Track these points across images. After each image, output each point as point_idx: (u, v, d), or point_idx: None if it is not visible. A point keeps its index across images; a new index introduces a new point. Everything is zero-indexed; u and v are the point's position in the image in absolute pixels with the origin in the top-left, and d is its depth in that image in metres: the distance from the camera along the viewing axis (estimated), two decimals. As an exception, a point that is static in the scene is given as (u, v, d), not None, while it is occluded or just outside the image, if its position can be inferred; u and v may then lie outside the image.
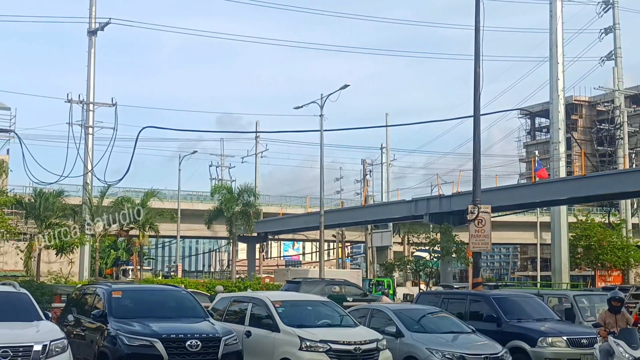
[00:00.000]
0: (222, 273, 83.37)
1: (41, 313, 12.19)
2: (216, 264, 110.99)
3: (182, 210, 59.54)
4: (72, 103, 41.71)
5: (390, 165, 73.37)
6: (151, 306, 13.58)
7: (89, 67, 43.47)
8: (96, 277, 42.38)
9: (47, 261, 42.02)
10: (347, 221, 55.06)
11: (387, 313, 14.87)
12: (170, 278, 49.19)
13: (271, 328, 13.27)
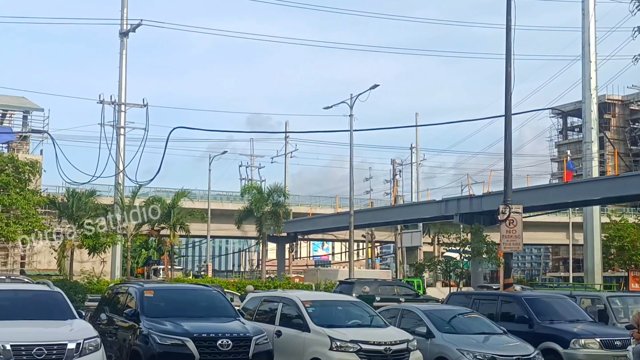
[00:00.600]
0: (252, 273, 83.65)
1: (75, 312, 12.33)
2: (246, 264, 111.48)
3: (212, 210, 59.90)
4: (104, 104, 42.15)
5: (420, 165, 73.05)
6: (183, 305, 13.67)
7: (121, 68, 43.91)
8: (128, 277, 42.82)
9: (79, 260, 42.55)
10: (376, 221, 54.95)
11: (418, 313, 14.82)
12: (200, 277, 49.55)
13: (301, 328, 13.29)
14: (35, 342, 10.59)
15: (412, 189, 72.02)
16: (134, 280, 20.61)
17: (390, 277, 53.05)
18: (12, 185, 33.17)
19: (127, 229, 43.57)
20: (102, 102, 42.06)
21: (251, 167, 74.92)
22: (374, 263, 71.13)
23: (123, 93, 43.48)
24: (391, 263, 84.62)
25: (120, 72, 43.94)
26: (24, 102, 52.71)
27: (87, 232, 37.90)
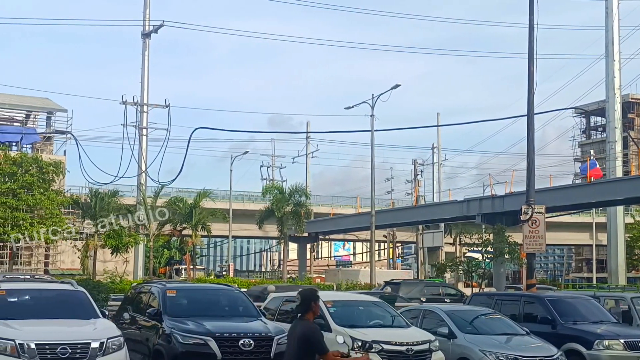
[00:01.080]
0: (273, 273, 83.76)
1: (98, 311, 12.44)
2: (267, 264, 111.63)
3: (234, 211, 60.08)
4: (127, 105, 42.47)
5: (442, 165, 72.85)
6: (205, 305, 13.73)
7: (143, 69, 44.23)
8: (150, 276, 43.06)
9: (102, 260, 42.91)
10: (398, 221, 54.82)
11: (440, 314, 14.77)
12: (222, 277, 49.73)
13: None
14: (59, 341, 10.69)
15: (433, 189, 71.88)
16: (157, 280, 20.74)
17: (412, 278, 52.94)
18: (36, 186, 33.53)
19: (149, 229, 43.83)
20: (124, 103, 42.36)
21: (272, 167, 75.11)
22: (395, 263, 70.96)
23: (145, 94, 43.79)
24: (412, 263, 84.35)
25: (142, 73, 44.27)
26: (48, 103, 53.22)
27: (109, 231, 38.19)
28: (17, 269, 42.41)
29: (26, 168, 33.86)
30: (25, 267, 46.02)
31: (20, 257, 45.77)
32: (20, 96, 53.69)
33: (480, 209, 42.27)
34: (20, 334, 10.74)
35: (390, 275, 48.95)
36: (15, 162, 33.76)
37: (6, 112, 51.49)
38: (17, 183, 33.18)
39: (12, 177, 33.40)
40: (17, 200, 32.90)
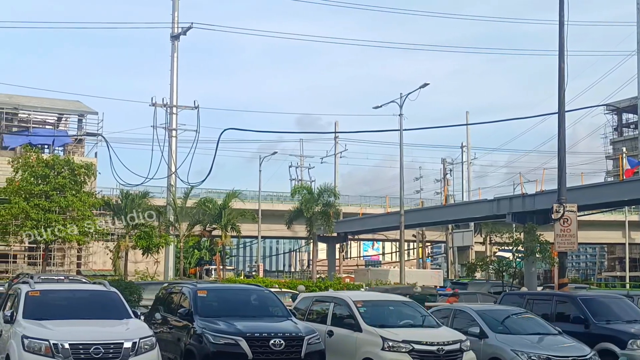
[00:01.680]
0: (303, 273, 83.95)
1: (130, 311, 12.57)
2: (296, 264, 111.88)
3: (263, 211, 60.28)
4: (156, 106, 42.78)
5: (471, 164, 72.39)
6: (235, 305, 13.80)
7: (172, 71, 44.46)
8: (181, 277, 43.38)
9: (133, 261, 43.32)
10: (427, 221, 54.60)
11: (471, 314, 14.69)
12: (252, 278, 49.91)
13: (353, 328, 13.30)
14: (92, 341, 10.82)
15: (462, 188, 71.50)
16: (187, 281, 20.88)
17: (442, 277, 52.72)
18: (68, 188, 33.90)
19: (179, 230, 44.15)
20: (154, 105, 42.67)
21: (301, 167, 75.21)
22: (424, 263, 70.71)
23: (175, 95, 44.04)
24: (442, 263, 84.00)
25: (171, 75, 44.52)
26: (79, 106, 53.89)
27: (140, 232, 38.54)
28: (50, 269, 43.05)
29: (58, 170, 34.27)
30: (58, 268, 46.70)
31: (53, 258, 46.44)
32: (52, 99, 54.46)
33: (510, 208, 41.93)
34: (54, 334, 10.90)
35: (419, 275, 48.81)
36: (48, 164, 34.17)
37: (39, 115, 52.28)
38: (50, 185, 33.59)
39: (45, 179, 33.82)
40: (49, 202, 33.32)
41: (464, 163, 71.42)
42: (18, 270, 42.80)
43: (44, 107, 52.21)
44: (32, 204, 32.99)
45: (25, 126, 50.46)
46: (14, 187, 33.76)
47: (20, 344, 10.81)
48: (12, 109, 50.08)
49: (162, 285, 17.90)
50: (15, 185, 33.78)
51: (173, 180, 43.17)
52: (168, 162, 42.05)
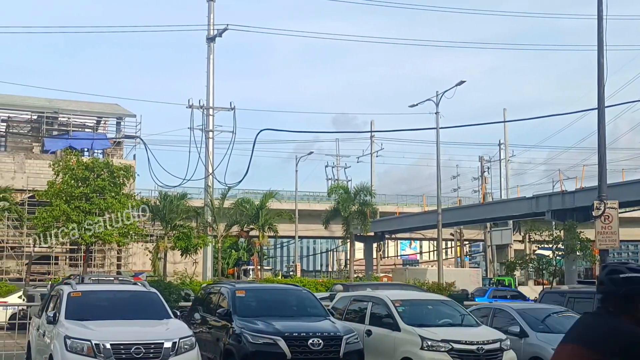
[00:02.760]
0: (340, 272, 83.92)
1: (170, 311, 12.68)
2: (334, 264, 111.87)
3: (300, 211, 60.42)
4: (193, 108, 43.13)
5: (509, 161, 71.74)
6: (274, 305, 13.85)
7: (208, 73, 44.81)
8: (219, 277, 43.67)
9: (172, 261, 43.71)
10: (465, 219, 54.25)
11: (511, 312, 14.54)
12: (289, 278, 50.03)
13: (392, 327, 13.25)
14: (133, 341, 10.94)
15: (501, 186, 70.92)
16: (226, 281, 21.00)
17: (480, 276, 52.28)
18: (108, 190, 34.34)
19: (217, 231, 44.44)
20: (191, 107, 43.03)
21: (337, 167, 75.21)
22: (463, 262, 70.23)
23: (211, 97, 44.37)
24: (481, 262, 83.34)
25: (207, 77, 44.87)
26: (117, 109, 54.54)
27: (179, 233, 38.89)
28: (90, 271, 43.65)
29: (98, 173, 34.71)
30: (99, 269, 47.32)
31: (94, 259, 47.06)
32: (91, 103, 55.21)
33: (550, 205, 41.47)
34: (96, 334, 11.04)
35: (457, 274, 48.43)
36: (88, 167, 34.63)
37: (78, 118, 53.06)
38: (90, 187, 34.06)
39: (85, 181, 34.30)
40: (89, 205, 33.79)
41: (502, 161, 70.78)
42: (60, 272, 43.52)
43: (83, 111, 52.96)
44: (73, 206, 33.50)
45: (65, 130, 51.23)
46: (55, 189, 34.31)
47: (62, 345, 10.97)
48: (53, 113, 50.89)
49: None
50: (56, 188, 34.32)
51: (210, 181, 43.48)
52: (205, 164, 42.37)
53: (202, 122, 43.85)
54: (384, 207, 64.52)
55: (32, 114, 52.02)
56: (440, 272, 40.64)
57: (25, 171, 46.10)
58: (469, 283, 44.47)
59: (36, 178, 44.25)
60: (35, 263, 43.43)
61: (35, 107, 51.43)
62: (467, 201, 67.24)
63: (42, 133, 50.19)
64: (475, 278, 49.55)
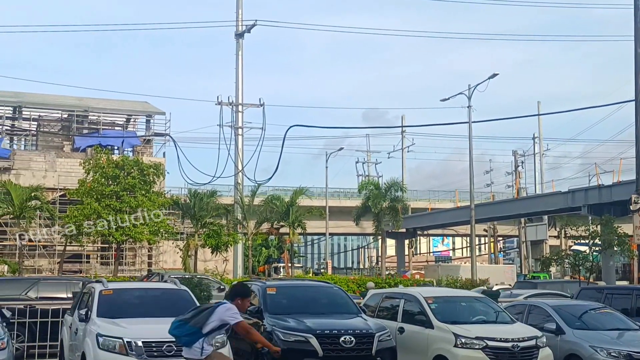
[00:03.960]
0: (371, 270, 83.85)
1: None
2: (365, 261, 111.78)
3: (330, 208, 60.45)
4: (222, 105, 43.32)
5: (544, 155, 71.12)
6: (304, 302, 13.86)
7: (237, 70, 44.95)
8: (250, 275, 43.84)
9: (203, 259, 43.99)
10: (498, 215, 53.86)
11: (546, 309, 14.42)
12: (320, 275, 50.10)
13: (424, 324, 13.21)
14: (165, 338, 11.01)
15: (535, 180, 70.34)
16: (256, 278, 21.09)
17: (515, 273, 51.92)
18: (138, 188, 34.65)
19: (247, 228, 44.62)
20: (220, 104, 43.23)
21: (368, 163, 75.06)
22: (496, 258, 69.78)
23: (240, 94, 44.51)
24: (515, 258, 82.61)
25: (236, 73, 45.01)
26: (147, 107, 55.00)
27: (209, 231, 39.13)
28: (122, 269, 44.12)
29: (128, 171, 35.06)
30: (130, 267, 47.80)
31: (125, 257, 47.57)
32: (120, 101, 55.77)
33: (586, 200, 41.01)
34: (127, 332, 11.15)
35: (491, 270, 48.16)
36: (118, 165, 35.01)
37: (108, 117, 53.59)
38: (120, 186, 34.42)
39: (115, 180, 34.66)
40: (120, 203, 34.14)
41: (536, 155, 70.19)
42: (91, 270, 44.05)
43: (113, 109, 53.48)
44: (104, 204, 33.88)
45: (95, 128, 51.78)
46: (86, 188, 34.74)
47: (95, 342, 11.10)
48: (83, 111, 51.47)
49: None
50: (87, 187, 34.75)
51: (240, 178, 43.66)
52: (235, 161, 42.56)
53: (232, 119, 44.06)
54: (415, 203, 64.31)
55: (62, 112, 52.64)
56: (474, 268, 40.44)
57: (57, 170, 46.73)
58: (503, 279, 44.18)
59: (67, 176, 44.86)
60: (67, 261, 44.02)
61: (65, 106, 52.06)
62: (501, 196, 66.73)
63: (72, 131, 50.80)
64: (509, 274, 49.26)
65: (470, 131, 40.80)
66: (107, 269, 44.49)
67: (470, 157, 41.72)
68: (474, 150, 42.06)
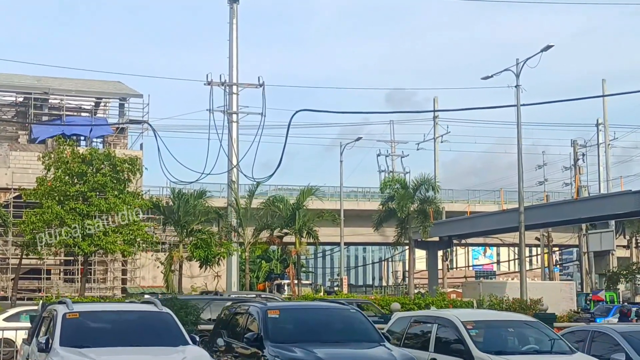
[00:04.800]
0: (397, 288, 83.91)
1: (187, 336, 12.78)
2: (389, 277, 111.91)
3: (346, 211, 60.48)
4: (213, 85, 43.38)
5: (610, 146, 70.87)
6: (314, 328, 13.90)
7: (231, 42, 45.00)
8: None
9: (189, 275, 44.16)
10: (554, 220, 53.71)
11: (614, 336, 14.36)
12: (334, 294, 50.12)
13: (462, 355, 13.20)
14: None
15: (599, 177, 70.13)
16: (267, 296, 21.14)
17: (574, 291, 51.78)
18: (110, 187, 34.71)
19: (243, 236, 44.71)
20: (209, 84, 43.33)
21: (392, 156, 75.08)
22: (551, 273, 69.69)
23: (234, 72, 44.58)
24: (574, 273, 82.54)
25: (230, 47, 45.07)
26: (120, 88, 55.16)
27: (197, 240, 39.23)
28: (90, 287, 44.30)
29: (97, 166, 35.15)
30: (100, 285, 48.02)
31: (94, 273, 47.75)
32: (88, 81, 55.93)
33: (662, 201, 40.92)
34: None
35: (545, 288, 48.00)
36: (85, 159, 35.08)
37: (73, 100, 53.69)
38: (88, 185, 34.49)
39: (82, 177, 34.73)
40: (87, 206, 34.25)
41: (601, 145, 69.99)
42: (53, 288, 44.19)
43: (79, 91, 53.60)
44: (68, 207, 33.99)
45: (57, 114, 51.95)
46: (46, 188, 34.85)
47: (57, 378, 11.14)
48: (42, 93, 51.60)
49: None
50: (47, 186, 34.86)
51: (235, 175, 43.73)
52: (228, 154, 42.62)
53: (224, 103, 44.11)
54: (450, 205, 64.32)
55: (17, 95, 52.88)
56: (524, 285, 40.35)
57: (10, 165, 46.93)
58: (559, 299, 44.08)
59: (23, 174, 45.02)
60: (23, 278, 44.22)
61: (20, 87, 52.27)
62: (557, 197, 66.60)
63: (29, 119, 50.99)
64: (567, 293, 49.08)
65: (519, 116, 40.69)
66: (72, 287, 44.69)
67: (519, 148, 41.61)
68: (523, 140, 42.00)
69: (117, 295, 45.35)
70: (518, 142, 41.52)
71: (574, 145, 65.17)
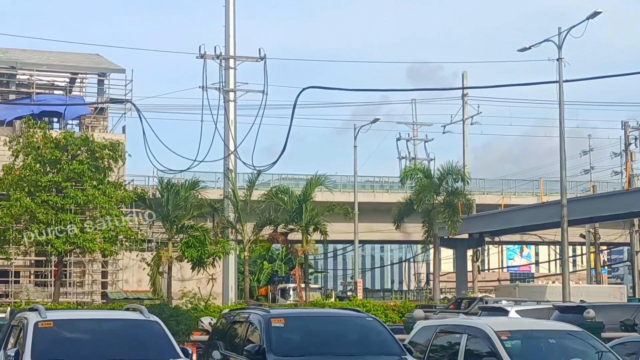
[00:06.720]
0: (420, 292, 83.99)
1: (178, 348, 12.81)
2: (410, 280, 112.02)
3: (361, 204, 60.46)
4: (206, 59, 43.31)
5: (668, 128, 70.69)
6: (324, 339, 13.93)
7: (227, 8, 44.88)
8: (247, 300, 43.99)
9: (180, 278, 44.18)
10: (601, 214, 53.69)
11: (670, 348, 14.39)
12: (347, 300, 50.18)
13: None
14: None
15: (655, 164, 69.90)
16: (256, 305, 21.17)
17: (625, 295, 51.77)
18: (87, 177, 34.76)
19: (242, 233, 44.74)
20: (203, 57, 43.28)
21: (414, 140, 74.99)
22: (598, 275, 69.67)
23: (231, 42, 44.50)
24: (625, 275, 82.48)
25: (226, 13, 44.97)
26: (99, 62, 55.18)
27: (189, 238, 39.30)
28: (65, 292, 44.40)
29: (73, 153, 35.23)
30: (77, 289, 48.12)
31: (69, 275, 47.85)
32: (62, 53, 56.00)
33: None
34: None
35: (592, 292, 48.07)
36: (59, 144, 35.13)
37: (44, 76, 53.73)
38: (62, 174, 34.56)
39: (55, 165, 34.82)
40: (62, 198, 34.33)
41: (657, 127, 69.79)
42: (23, 292, 44.31)
43: (52, 65, 53.63)
44: (39, 200, 34.07)
45: (27, 92, 52.02)
46: (14, 177, 34.94)
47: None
48: (8, 68, 51.65)
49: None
50: (15, 175, 34.95)
51: (232, 163, 43.73)
52: (225, 138, 42.66)
53: (220, 79, 44.06)
54: (482, 197, 64.19)
55: (-21, 70, 52.95)
56: (566, 289, 40.38)
57: (-28, 152, 47.06)
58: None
59: (-14, 161, 45.14)
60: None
61: (-17, 62, 52.33)
62: (605, 187, 66.47)
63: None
64: (617, 299, 49.10)
65: (561, 94, 40.64)
66: (45, 292, 44.79)
67: (561, 131, 41.57)
68: (566, 122, 41.96)
69: (96, 301, 45.50)
70: (560, 124, 41.47)
71: (625, 127, 65.04)
